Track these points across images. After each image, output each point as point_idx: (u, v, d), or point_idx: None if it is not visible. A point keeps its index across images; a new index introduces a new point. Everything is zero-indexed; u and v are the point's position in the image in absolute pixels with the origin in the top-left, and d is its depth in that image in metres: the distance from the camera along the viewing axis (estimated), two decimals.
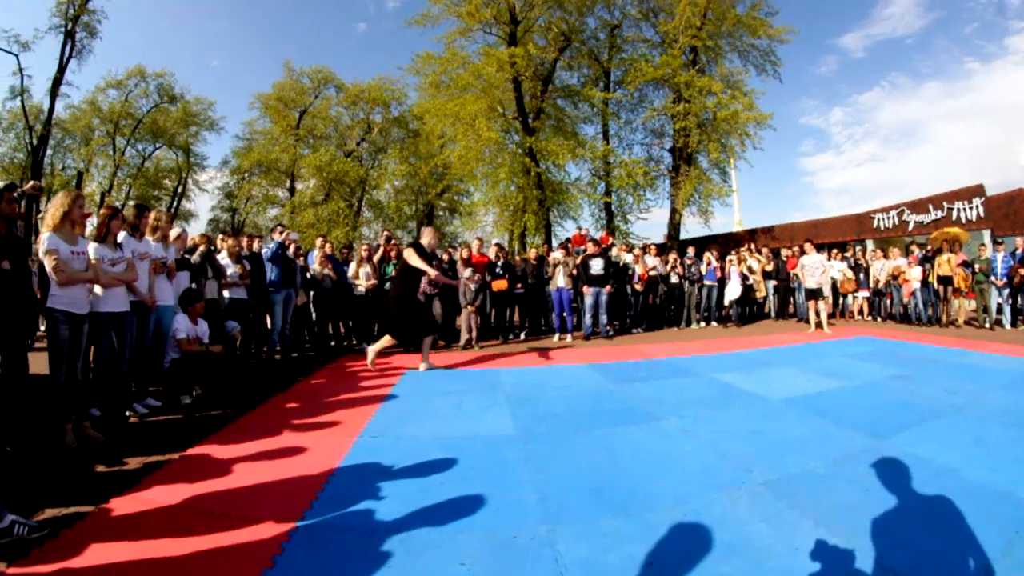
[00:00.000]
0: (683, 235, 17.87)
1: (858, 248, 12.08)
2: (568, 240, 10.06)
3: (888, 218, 17.64)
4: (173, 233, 5.05)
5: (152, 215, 4.64)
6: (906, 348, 7.05)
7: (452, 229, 25.43)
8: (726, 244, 16.44)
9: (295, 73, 25.54)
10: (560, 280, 8.65)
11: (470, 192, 21.31)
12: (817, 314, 8.91)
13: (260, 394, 4.79)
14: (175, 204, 28.00)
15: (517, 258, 9.57)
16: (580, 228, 10.85)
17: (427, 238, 6.26)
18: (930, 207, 17.04)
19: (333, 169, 23.23)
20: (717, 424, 3.60)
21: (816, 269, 8.93)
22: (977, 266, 9.57)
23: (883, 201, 17.81)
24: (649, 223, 49.81)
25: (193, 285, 5.34)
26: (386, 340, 5.95)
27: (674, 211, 17.30)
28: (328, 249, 8.62)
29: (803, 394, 4.41)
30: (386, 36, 67.72)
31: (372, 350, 6.02)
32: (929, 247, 10.41)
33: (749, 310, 10.87)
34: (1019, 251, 9.24)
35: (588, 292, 8.55)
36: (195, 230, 28.71)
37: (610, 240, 10.98)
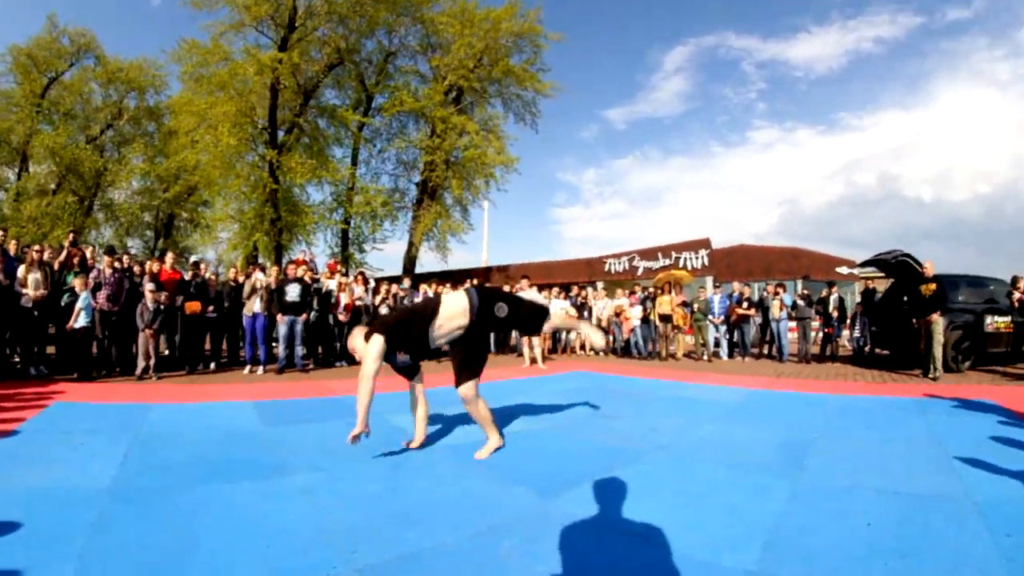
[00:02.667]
0: (419, 269, 18.25)
1: (584, 289, 13.08)
2: (291, 262, 9.33)
3: (619, 263, 19.48)
4: None
5: None
6: (619, 382, 6.95)
7: (190, 243, 22.53)
8: (461, 279, 17.10)
9: (56, 30, 20.77)
10: (256, 305, 7.87)
11: (212, 203, 19.33)
12: (531, 349, 9.11)
13: None
14: None
15: (211, 277, 8.52)
16: (304, 252, 10.21)
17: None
18: (659, 255, 19.33)
19: (68, 154, 19.18)
20: (350, 481, 2.98)
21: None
22: (696, 305, 10.42)
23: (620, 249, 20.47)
24: (387, 256, 51.60)
25: None
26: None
27: (411, 244, 17.61)
28: (12, 248, 7.16)
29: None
30: (181, 17, 59.90)
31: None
32: (652, 287, 11.48)
33: None
34: (735, 293, 10.46)
35: (282, 320, 7.89)
36: None
37: (337, 268, 10.50)
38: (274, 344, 8.39)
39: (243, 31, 15.22)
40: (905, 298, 8.60)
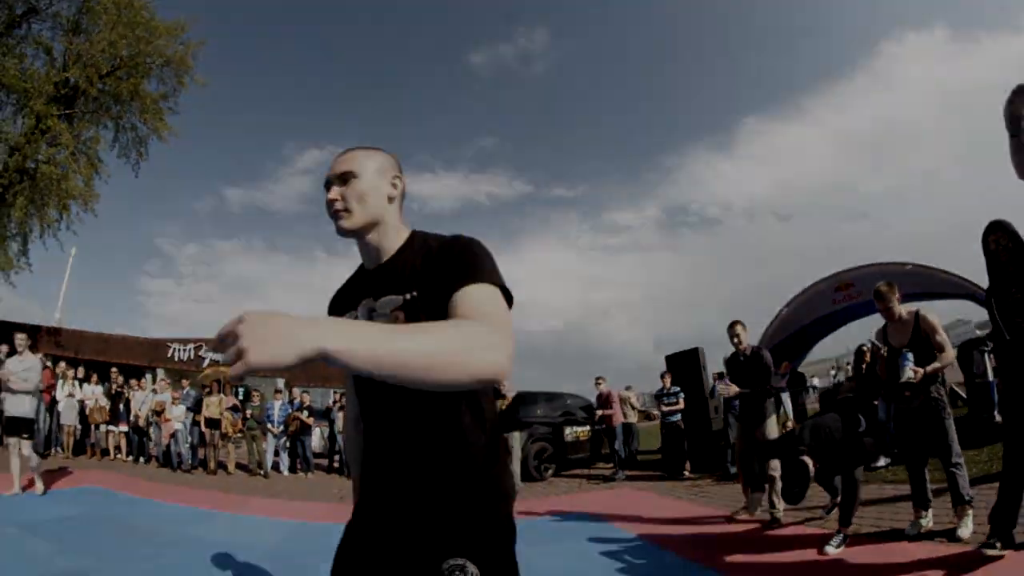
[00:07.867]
0: None
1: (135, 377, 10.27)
2: None
3: (185, 350, 17.30)
4: None
5: None
6: (132, 508, 5.49)
7: None
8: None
9: None
10: None
11: None
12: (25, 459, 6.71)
13: None
14: None
15: None
16: None
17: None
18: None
19: None
20: None
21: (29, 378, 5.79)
22: (250, 412, 8.97)
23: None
24: None
25: None
26: None
27: None
28: None
29: None
30: None
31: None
32: (205, 387, 9.60)
33: None
34: (296, 400, 9.33)
35: None
36: None
37: None
38: None
39: None
40: None
